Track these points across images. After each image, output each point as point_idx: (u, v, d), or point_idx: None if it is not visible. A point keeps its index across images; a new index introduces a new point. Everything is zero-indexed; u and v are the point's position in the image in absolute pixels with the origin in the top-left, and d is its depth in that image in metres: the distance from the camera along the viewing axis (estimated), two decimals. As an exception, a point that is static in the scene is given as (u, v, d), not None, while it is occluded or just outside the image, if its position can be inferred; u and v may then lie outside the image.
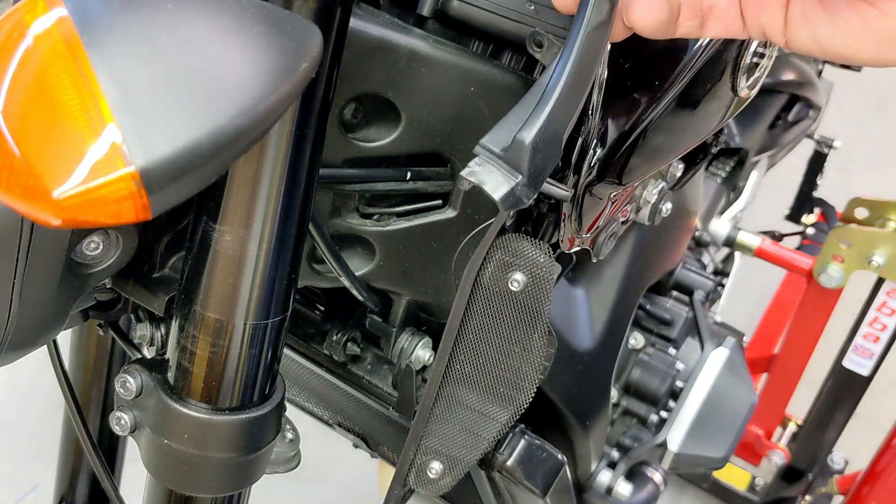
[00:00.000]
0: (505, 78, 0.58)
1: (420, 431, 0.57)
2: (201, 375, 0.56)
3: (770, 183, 1.85)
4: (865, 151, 3.01)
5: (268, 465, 0.62)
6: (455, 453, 0.58)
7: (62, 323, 0.58)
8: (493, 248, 0.52)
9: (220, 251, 0.52)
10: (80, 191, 0.35)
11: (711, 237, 1.43)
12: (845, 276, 1.34)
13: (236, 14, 0.39)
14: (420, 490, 0.60)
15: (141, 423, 0.59)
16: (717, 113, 0.64)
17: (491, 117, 0.59)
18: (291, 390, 0.85)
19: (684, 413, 0.98)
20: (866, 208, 1.49)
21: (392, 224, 0.65)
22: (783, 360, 1.55)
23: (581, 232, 0.58)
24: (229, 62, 0.38)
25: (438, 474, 0.58)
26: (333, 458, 1.79)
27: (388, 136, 0.60)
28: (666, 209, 0.71)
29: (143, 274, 0.63)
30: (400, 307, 0.72)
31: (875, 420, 1.78)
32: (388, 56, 0.56)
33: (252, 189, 0.50)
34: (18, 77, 0.36)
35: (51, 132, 0.35)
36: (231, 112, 0.37)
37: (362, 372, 0.78)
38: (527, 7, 0.57)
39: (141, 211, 0.36)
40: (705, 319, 1.09)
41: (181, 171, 0.36)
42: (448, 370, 0.55)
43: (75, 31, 0.36)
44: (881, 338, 1.41)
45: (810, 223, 1.89)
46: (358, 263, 0.67)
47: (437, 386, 0.55)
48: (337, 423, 0.84)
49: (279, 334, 0.57)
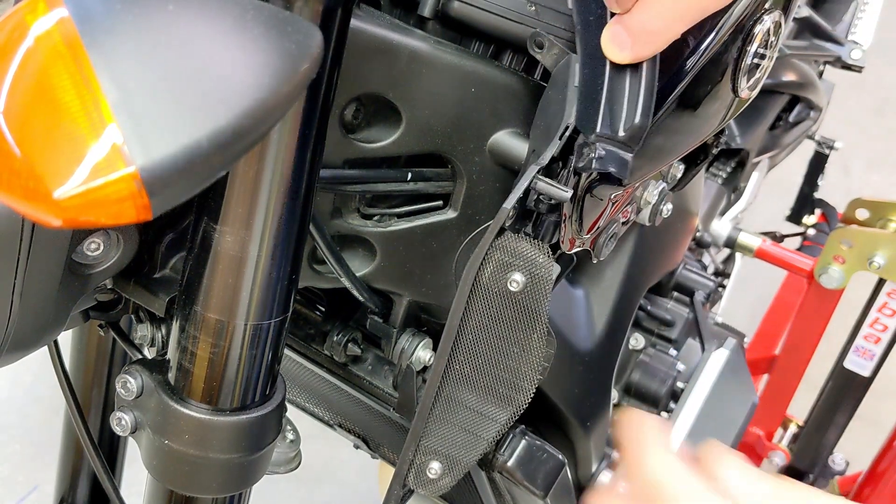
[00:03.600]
0: (506, 79, 0.58)
1: (420, 431, 0.57)
2: (202, 376, 0.56)
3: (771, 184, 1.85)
4: (866, 152, 3.01)
5: (268, 465, 0.62)
6: (454, 453, 0.58)
7: (63, 323, 0.58)
8: (493, 249, 0.52)
9: (220, 252, 0.52)
10: (80, 191, 0.35)
11: (712, 238, 1.43)
12: (846, 277, 1.33)
13: (237, 15, 0.40)
14: (419, 490, 0.60)
15: (141, 424, 0.59)
16: (717, 114, 0.63)
17: (492, 118, 0.59)
18: (292, 391, 0.85)
19: (685, 414, 0.97)
20: (867, 209, 1.49)
21: (393, 225, 0.65)
22: (784, 360, 1.55)
23: (582, 233, 0.58)
24: (230, 63, 0.38)
25: (438, 474, 0.58)
26: (334, 459, 1.79)
27: (388, 136, 0.61)
28: (666, 210, 0.70)
29: (143, 274, 0.63)
30: (401, 308, 0.72)
31: (876, 421, 1.78)
32: (389, 57, 0.57)
33: (253, 190, 0.50)
34: (19, 78, 0.36)
35: (51, 133, 0.35)
36: (231, 113, 0.37)
37: (363, 373, 0.78)
38: (527, 8, 0.57)
39: (142, 211, 0.36)
40: (706, 320, 1.09)
41: (182, 171, 0.36)
42: (447, 370, 0.55)
43: (76, 31, 0.36)
44: (882, 339, 1.41)
45: (811, 224, 1.88)
46: (359, 264, 0.67)
47: (436, 386, 0.55)
48: (337, 424, 0.84)
49: (280, 335, 0.57)
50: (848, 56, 1.49)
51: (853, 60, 1.49)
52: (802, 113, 1.59)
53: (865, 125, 3.14)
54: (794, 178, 1.99)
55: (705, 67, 0.56)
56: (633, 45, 0.46)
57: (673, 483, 0.48)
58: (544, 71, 0.60)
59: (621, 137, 0.49)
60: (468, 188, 0.62)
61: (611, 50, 0.47)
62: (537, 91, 0.57)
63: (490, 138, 0.59)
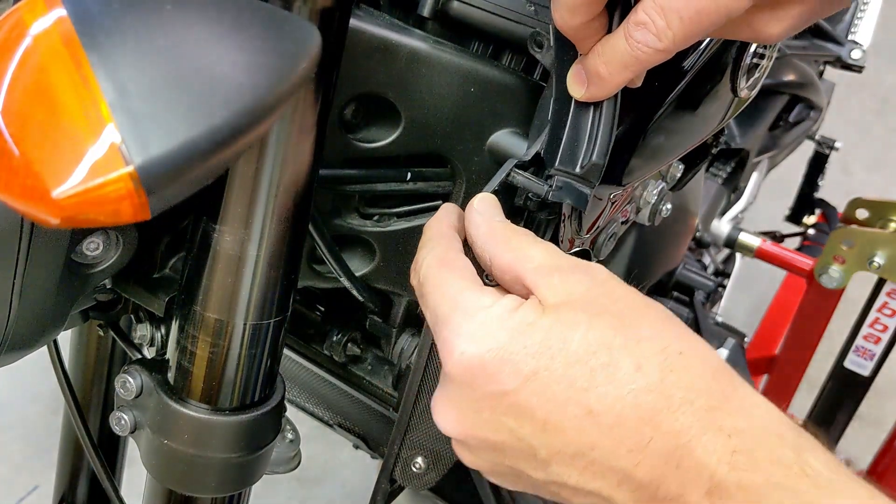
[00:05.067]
0: (505, 79, 0.58)
1: (404, 426, 0.57)
2: (201, 376, 0.56)
3: (771, 184, 1.85)
4: (866, 152, 3.01)
5: (268, 465, 0.62)
6: (438, 448, 0.58)
7: (62, 323, 0.58)
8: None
9: (220, 251, 0.52)
10: (79, 190, 0.35)
11: (712, 238, 1.43)
12: (846, 276, 1.33)
13: (235, 15, 0.40)
14: (406, 485, 0.60)
15: (141, 424, 0.59)
16: (717, 114, 0.63)
17: (491, 118, 0.59)
18: (292, 391, 0.85)
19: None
20: (867, 209, 1.49)
21: (392, 224, 0.65)
22: (784, 360, 1.55)
23: (581, 232, 0.58)
24: (227, 62, 0.38)
25: (422, 469, 0.58)
26: (334, 459, 1.79)
27: (388, 136, 0.61)
28: (666, 210, 0.70)
29: (143, 274, 0.63)
30: (400, 308, 0.72)
31: (876, 421, 1.78)
32: (389, 57, 0.57)
33: (252, 189, 0.50)
34: (18, 77, 0.36)
35: (50, 132, 0.35)
36: (229, 112, 0.37)
37: (362, 372, 0.78)
38: (527, 8, 0.57)
39: (140, 210, 0.36)
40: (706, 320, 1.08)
41: (179, 170, 0.36)
42: (429, 364, 0.55)
43: (74, 31, 0.36)
44: (882, 339, 1.41)
45: (811, 224, 1.88)
46: (358, 264, 0.67)
47: (418, 380, 0.55)
48: (337, 424, 0.84)
49: (279, 335, 0.57)
50: (848, 56, 1.49)
51: (853, 60, 1.49)
52: (802, 113, 1.60)
53: (865, 125, 3.14)
54: (794, 178, 1.99)
55: (704, 67, 0.56)
56: (589, 85, 0.49)
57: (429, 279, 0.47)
58: (543, 71, 0.60)
59: (578, 173, 0.51)
60: (467, 188, 0.62)
61: (571, 87, 0.51)
62: (536, 91, 0.57)
63: (489, 138, 0.59)
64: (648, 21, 0.45)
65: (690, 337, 0.43)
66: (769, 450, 0.39)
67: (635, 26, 0.46)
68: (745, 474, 0.38)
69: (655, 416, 0.40)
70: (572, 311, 0.43)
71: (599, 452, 0.41)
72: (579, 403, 0.41)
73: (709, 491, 0.39)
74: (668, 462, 0.40)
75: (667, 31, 0.45)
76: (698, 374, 0.41)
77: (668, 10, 0.44)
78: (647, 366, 0.41)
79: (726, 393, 0.41)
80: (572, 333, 0.42)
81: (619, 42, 0.47)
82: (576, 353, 0.41)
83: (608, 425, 0.41)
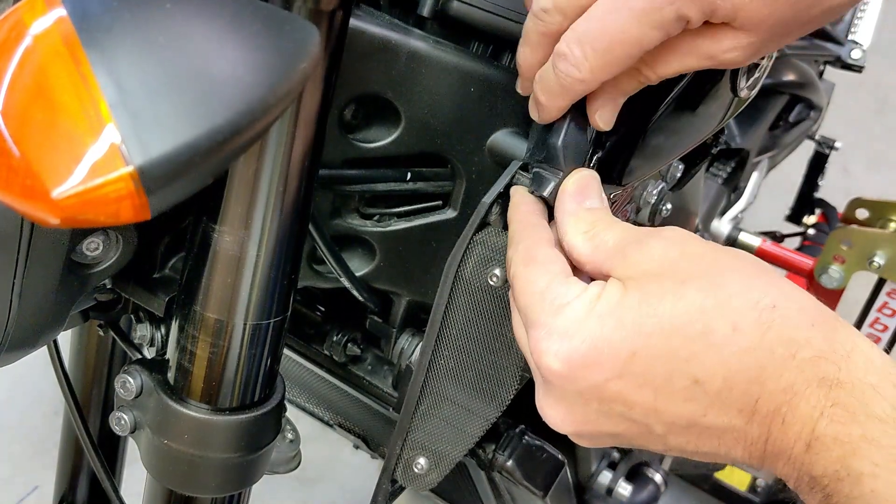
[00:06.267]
0: (505, 78, 0.58)
1: (406, 426, 0.57)
2: (201, 376, 0.56)
3: (771, 184, 1.85)
4: (866, 152, 3.01)
5: (268, 465, 0.62)
6: (441, 449, 0.58)
7: (62, 323, 0.58)
8: (473, 244, 0.53)
9: (219, 251, 0.52)
10: (79, 190, 0.35)
11: (712, 238, 1.43)
12: (846, 276, 1.33)
13: (235, 14, 0.40)
14: (408, 485, 0.60)
15: (141, 424, 0.59)
16: (717, 113, 0.63)
17: (491, 117, 0.59)
18: (292, 391, 0.85)
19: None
20: (867, 209, 1.49)
21: (392, 224, 0.65)
22: (784, 360, 1.55)
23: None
24: (227, 62, 0.38)
25: (424, 469, 0.58)
26: (334, 459, 1.79)
27: (388, 136, 0.61)
28: (666, 210, 0.70)
29: (143, 274, 0.63)
30: (400, 308, 0.72)
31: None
32: (388, 57, 0.57)
33: (252, 189, 0.50)
34: (18, 77, 0.36)
35: (50, 132, 0.35)
36: (228, 112, 0.37)
37: (362, 372, 0.78)
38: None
39: (140, 210, 0.36)
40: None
41: (179, 170, 0.36)
42: (432, 365, 0.55)
43: (74, 31, 0.36)
44: (882, 339, 1.41)
45: (811, 224, 1.88)
46: (358, 264, 0.67)
47: (421, 380, 0.55)
48: (337, 424, 0.84)
49: (279, 334, 0.57)
50: (848, 56, 1.49)
51: (853, 60, 1.49)
52: (802, 113, 1.59)
53: (865, 125, 3.14)
54: (794, 178, 1.99)
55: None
56: (538, 111, 0.52)
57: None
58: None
59: (542, 157, 0.53)
60: (467, 188, 0.62)
61: (530, 110, 0.54)
62: (536, 91, 0.57)
63: (489, 138, 0.59)
64: (568, 52, 0.47)
65: (781, 284, 0.43)
66: (864, 403, 0.39)
67: (557, 57, 0.48)
68: (841, 427, 0.39)
69: (760, 374, 0.40)
70: (656, 282, 0.43)
71: (711, 418, 0.42)
72: (684, 374, 0.41)
73: (809, 444, 0.40)
74: (775, 419, 0.40)
75: (584, 62, 0.47)
76: (795, 326, 0.41)
77: (584, 42, 0.46)
78: (742, 324, 0.41)
79: (828, 338, 0.41)
80: (661, 306, 0.42)
81: (549, 72, 0.49)
82: (670, 325, 0.41)
83: (716, 391, 0.41)
